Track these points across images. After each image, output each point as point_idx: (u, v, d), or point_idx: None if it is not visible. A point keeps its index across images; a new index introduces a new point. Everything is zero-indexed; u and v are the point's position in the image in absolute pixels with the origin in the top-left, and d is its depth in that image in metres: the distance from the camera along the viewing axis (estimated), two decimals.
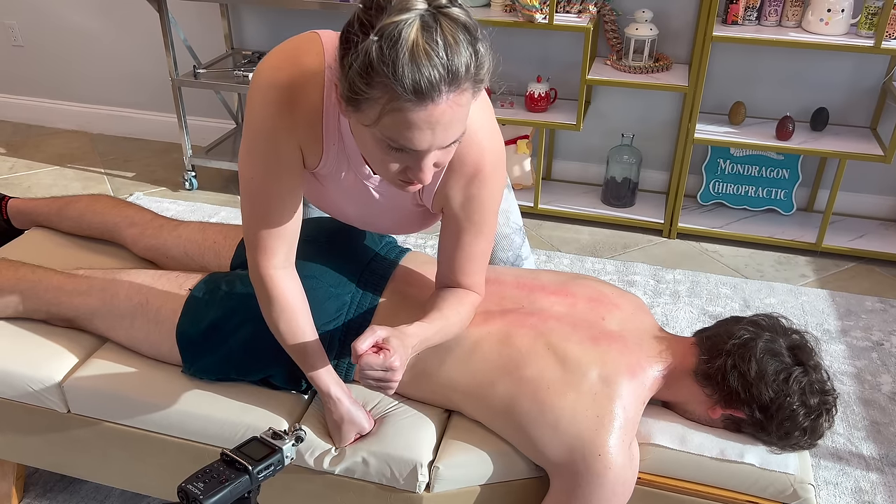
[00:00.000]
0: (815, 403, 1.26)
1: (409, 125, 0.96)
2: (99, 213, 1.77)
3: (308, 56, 1.13)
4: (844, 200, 2.99)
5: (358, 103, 0.97)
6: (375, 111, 0.96)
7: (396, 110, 0.94)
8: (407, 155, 1.01)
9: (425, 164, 1.02)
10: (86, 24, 3.53)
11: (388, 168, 1.04)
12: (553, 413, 1.25)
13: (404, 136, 0.97)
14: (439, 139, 0.99)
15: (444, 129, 0.97)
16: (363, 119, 0.98)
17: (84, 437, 1.49)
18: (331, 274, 1.41)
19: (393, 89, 0.92)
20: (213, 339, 1.39)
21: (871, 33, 2.50)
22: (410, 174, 1.04)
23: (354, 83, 0.95)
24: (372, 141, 1.01)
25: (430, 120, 0.96)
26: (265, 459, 1.04)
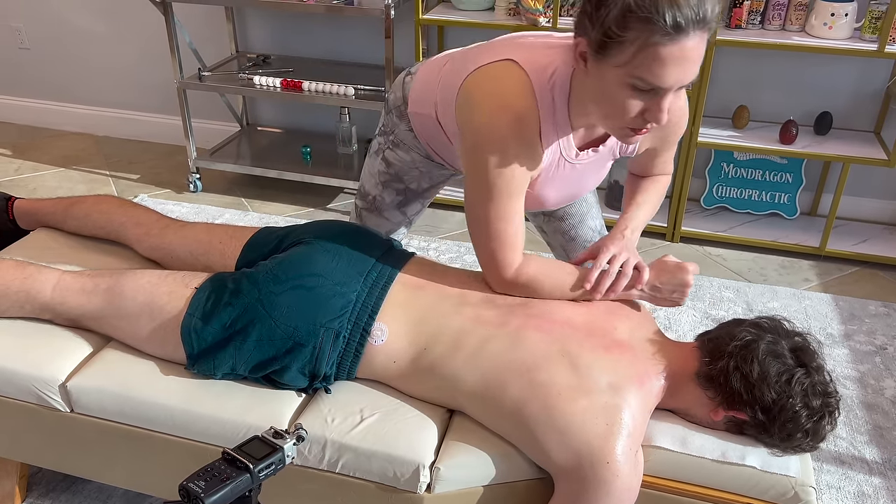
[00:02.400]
0: (818, 405, 1.26)
1: (661, 61, 1.11)
2: (104, 213, 1.78)
3: (518, 96, 1.28)
4: (848, 204, 2.99)
5: (608, 48, 1.13)
6: (630, 51, 1.11)
7: (652, 45, 1.09)
8: (649, 96, 1.16)
9: (665, 103, 1.16)
10: (92, 27, 3.55)
11: (627, 112, 1.18)
12: (563, 419, 1.25)
13: (655, 72, 1.12)
14: (685, 75, 1.13)
15: (690, 65, 1.13)
16: (614, 61, 1.13)
17: (87, 436, 1.50)
18: (337, 272, 1.42)
19: (652, 27, 1.08)
20: (221, 337, 1.40)
21: (874, 37, 2.50)
22: (648, 115, 1.18)
23: (610, 29, 1.11)
24: (615, 86, 1.16)
25: (681, 55, 1.10)
26: (266, 458, 1.05)
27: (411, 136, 1.61)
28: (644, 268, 1.45)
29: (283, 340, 1.36)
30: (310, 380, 1.40)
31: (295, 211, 3.12)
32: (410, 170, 1.66)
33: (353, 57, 3.25)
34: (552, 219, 1.80)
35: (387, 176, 1.68)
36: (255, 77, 2.99)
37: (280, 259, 1.45)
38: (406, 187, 1.69)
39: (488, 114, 1.29)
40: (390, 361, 1.38)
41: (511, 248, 1.39)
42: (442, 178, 1.71)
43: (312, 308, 1.37)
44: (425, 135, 1.58)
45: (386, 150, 1.66)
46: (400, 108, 1.60)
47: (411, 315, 1.40)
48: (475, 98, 1.32)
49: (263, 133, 3.51)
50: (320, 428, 1.35)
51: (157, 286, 1.47)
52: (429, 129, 1.55)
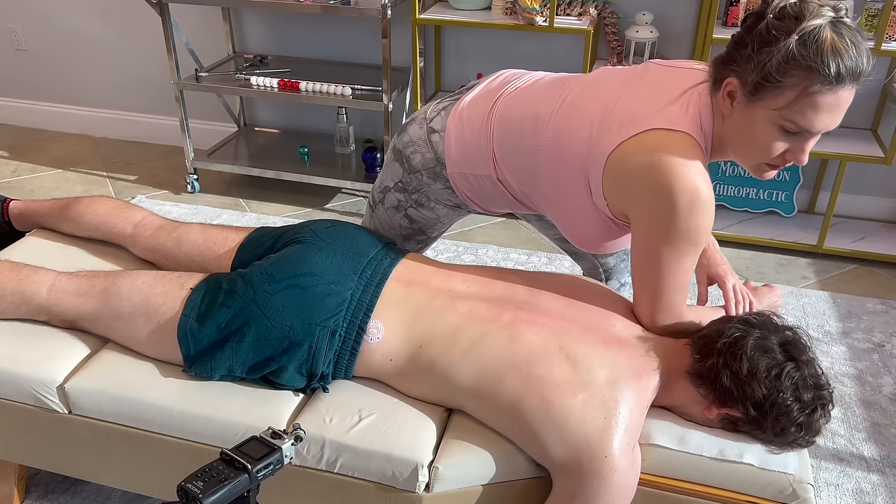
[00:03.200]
0: (810, 398, 1.26)
1: (817, 108, 1.18)
2: (99, 214, 1.78)
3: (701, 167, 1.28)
4: (845, 202, 2.99)
5: (764, 91, 1.20)
6: (788, 96, 1.18)
7: (811, 94, 1.17)
8: (795, 138, 1.22)
9: (809, 146, 1.24)
10: (88, 28, 3.55)
11: (772, 152, 1.25)
12: (561, 412, 1.25)
13: (809, 117, 1.19)
14: (834, 122, 1.20)
15: (840, 113, 1.20)
16: (769, 104, 1.20)
17: (85, 437, 1.50)
18: (331, 270, 1.42)
19: (814, 75, 1.15)
20: (217, 339, 1.40)
21: (871, 35, 2.50)
22: (789, 156, 1.25)
23: (770, 74, 1.18)
24: (765, 127, 1.23)
25: (836, 104, 1.18)
26: (264, 458, 1.05)
27: (447, 192, 1.58)
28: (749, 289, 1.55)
29: (279, 340, 1.36)
30: (307, 379, 1.40)
31: (293, 211, 3.12)
32: (435, 224, 1.67)
33: (350, 57, 3.25)
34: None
35: (409, 230, 1.69)
36: (252, 77, 2.99)
37: (274, 259, 1.45)
38: (428, 237, 1.72)
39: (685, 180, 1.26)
40: (386, 359, 1.38)
41: (684, 299, 1.40)
42: (459, 219, 1.72)
43: (307, 307, 1.37)
44: (470, 193, 1.56)
45: (409, 208, 1.64)
46: (433, 169, 1.56)
47: (406, 312, 1.40)
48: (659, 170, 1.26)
49: (261, 133, 3.51)
50: (318, 428, 1.35)
51: (152, 287, 1.47)
52: (478, 188, 1.54)
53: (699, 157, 1.28)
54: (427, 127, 1.57)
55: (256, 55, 3.31)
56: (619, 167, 1.32)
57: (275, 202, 3.19)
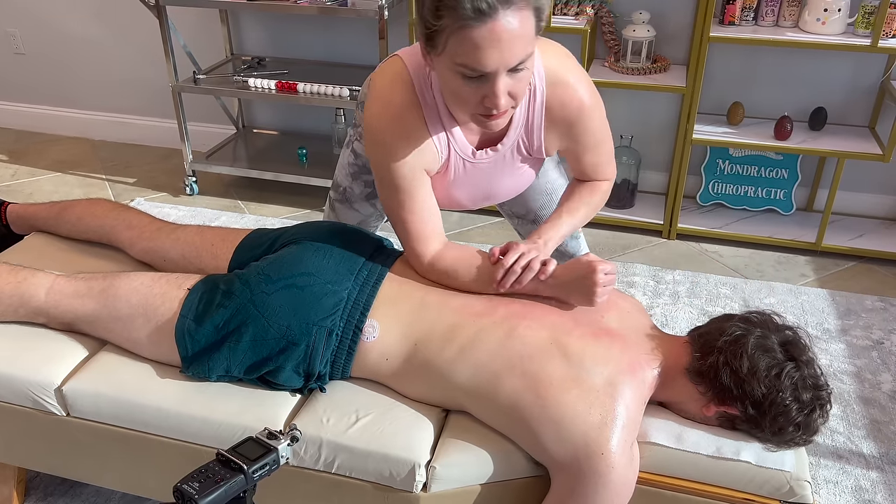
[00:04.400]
0: (808, 398, 1.26)
1: (475, 45, 1.13)
2: (97, 216, 1.78)
3: (395, 86, 1.34)
4: (844, 200, 2.99)
5: (432, 40, 1.17)
6: (445, 39, 1.15)
7: (461, 31, 1.13)
8: (481, 81, 1.18)
9: (499, 87, 1.18)
10: (86, 31, 3.55)
11: (468, 101, 1.22)
12: (557, 409, 1.25)
13: (473, 56, 1.14)
14: (505, 57, 1.14)
15: (508, 46, 1.14)
16: (439, 51, 1.18)
17: (83, 439, 1.50)
18: (328, 270, 1.42)
19: (457, 13, 1.11)
20: (214, 339, 1.40)
21: (867, 32, 2.51)
22: (487, 102, 1.21)
23: (427, 20, 1.16)
24: (449, 76, 1.20)
25: (493, 37, 1.12)
26: (260, 459, 1.05)
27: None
28: (551, 262, 1.41)
29: (276, 340, 1.36)
30: (305, 379, 1.40)
31: (291, 213, 3.12)
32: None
33: (347, 58, 3.25)
34: (525, 221, 1.83)
35: (355, 167, 1.71)
36: (249, 79, 2.99)
37: (271, 259, 1.45)
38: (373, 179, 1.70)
39: (374, 111, 1.37)
40: (383, 358, 1.39)
41: (420, 240, 1.44)
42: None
43: (304, 307, 1.37)
44: None
45: (354, 141, 1.69)
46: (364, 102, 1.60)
47: (402, 311, 1.40)
48: (368, 96, 1.39)
49: (259, 135, 3.51)
50: (316, 428, 1.35)
51: (150, 288, 1.47)
52: None
53: (400, 92, 1.34)
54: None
55: (254, 57, 3.32)
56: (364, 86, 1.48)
57: (274, 204, 3.19)
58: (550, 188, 1.78)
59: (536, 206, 1.80)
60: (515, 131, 1.43)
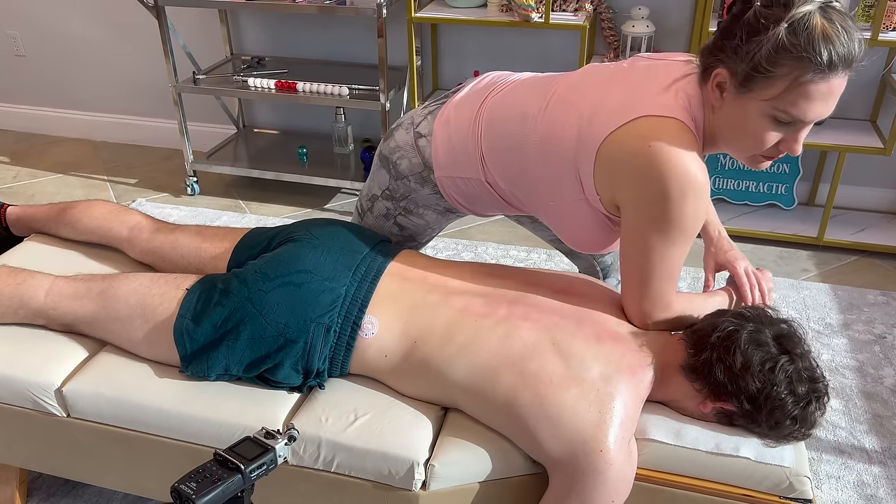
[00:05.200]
0: (804, 391, 1.26)
1: (809, 97, 1.16)
2: (95, 218, 1.79)
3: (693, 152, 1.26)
4: (846, 194, 2.98)
5: (754, 81, 1.18)
6: (779, 86, 1.16)
7: (803, 83, 1.15)
8: (788, 128, 1.21)
9: (802, 135, 1.22)
10: (87, 32, 3.56)
11: (765, 142, 1.23)
12: (555, 407, 1.25)
13: (801, 107, 1.17)
14: (827, 110, 1.19)
15: (833, 101, 1.18)
16: (760, 95, 1.19)
17: (85, 440, 1.50)
18: (325, 267, 1.42)
19: (806, 64, 1.13)
20: (213, 338, 1.40)
21: (867, 25, 2.49)
22: (783, 146, 1.24)
23: (759, 64, 1.16)
24: (756, 118, 1.21)
25: (828, 91, 1.16)
26: (258, 459, 1.05)
27: (435, 198, 1.56)
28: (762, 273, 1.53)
29: (274, 338, 1.36)
30: (304, 377, 1.40)
31: (292, 212, 3.13)
32: (425, 230, 1.67)
33: (347, 57, 3.25)
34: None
35: (400, 237, 1.68)
36: (249, 79, 2.99)
37: (269, 257, 1.45)
38: (418, 243, 1.72)
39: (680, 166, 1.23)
40: (382, 355, 1.39)
41: (673, 286, 1.37)
42: (450, 223, 1.72)
43: (302, 304, 1.37)
44: (459, 196, 1.54)
45: (398, 216, 1.63)
46: (420, 174, 1.54)
47: (401, 307, 1.40)
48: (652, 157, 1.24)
49: (260, 135, 3.51)
50: (315, 427, 1.35)
51: (148, 288, 1.47)
52: (467, 191, 1.52)
53: (692, 142, 1.26)
54: (414, 132, 1.55)
55: (254, 56, 3.32)
56: (610, 157, 1.30)
57: (274, 203, 3.19)
58: None
59: None
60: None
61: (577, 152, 1.35)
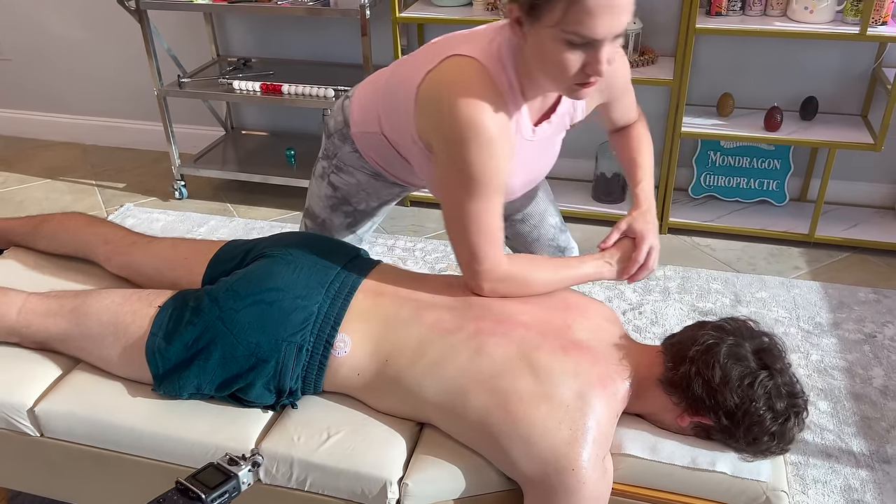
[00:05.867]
0: (783, 407, 1.24)
1: (590, 13, 1.13)
2: (72, 231, 1.77)
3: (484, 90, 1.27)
4: (838, 189, 2.95)
5: (539, 9, 1.16)
6: (560, 8, 1.14)
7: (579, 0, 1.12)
8: (586, 49, 1.18)
9: (603, 54, 1.18)
10: (72, 35, 3.54)
11: (569, 68, 1.20)
12: (525, 426, 1.24)
13: (587, 24, 1.14)
14: (616, 24, 1.15)
15: (619, 13, 1.15)
16: (546, 21, 1.17)
17: (59, 460, 1.49)
18: (297, 285, 1.40)
19: None
20: (184, 357, 1.38)
21: (856, 20, 2.46)
22: (589, 69, 1.20)
23: None
24: (552, 45, 1.19)
25: (608, 4, 1.12)
26: (220, 487, 1.04)
27: (356, 156, 1.60)
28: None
29: (245, 357, 1.35)
30: (276, 396, 1.39)
31: (280, 215, 3.11)
32: (357, 192, 1.66)
33: (334, 57, 3.22)
34: (513, 222, 1.79)
35: (334, 199, 1.67)
36: (234, 82, 2.97)
37: (241, 274, 1.44)
38: (354, 209, 1.69)
39: (464, 110, 1.26)
40: (354, 374, 1.37)
41: (495, 245, 1.37)
42: (391, 196, 1.70)
43: (273, 323, 1.35)
44: (372, 153, 1.57)
45: (331, 174, 1.65)
46: (342, 130, 1.59)
47: (373, 325, 1.38)
48: (442, 99, 1.28)
49: (248, 137, 3.49)
50: (287, 447, 1.34)
51: (121, 305, 1.46)
52: (375, 147, 1.55)
53: (488, 88, 1.27)
54: (344, 95, 1.64)
55: (240, 58, 3.29)
56: (420, 98, 1.33)
57: (263, 206, 3.18)
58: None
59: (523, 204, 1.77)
60: (567, 99, 1.45)
61: (406, 97, 1.38)
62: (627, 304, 2.48)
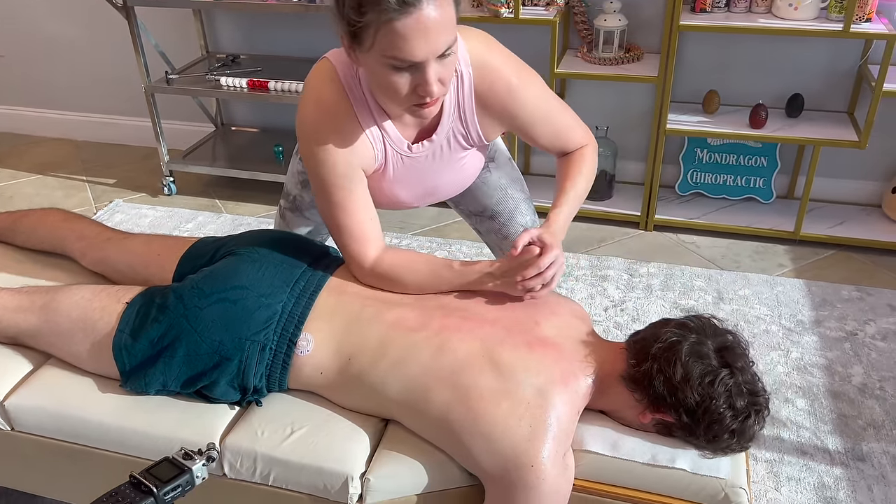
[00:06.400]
0: (743, 405, 1.24)
1: (402, 36, 1.14)
2: (49, 226, 1.78)
3: (324, 85, 1.34)
4: (825, 186, 2.95)
5: (358, 36, 1.18)
6: (372, 34, 1.15)
7: (387, 24, 1.13)
8: (412, 71, 1.19)
9: (430, 75, 1.19)
10: (63, 31, 3.55)
11: (400, 92, 1.22)
12: (486, 423, 1.24)
13: (401, 48, 1.15)
14: (433, 45, 1.15)
15: (434, 34, 1.14)
16: (367, 46, 1.18)
17: (30, 453, 1.51)
18: (262, 284, 1.41)
19: (381, 7, 1.12)
20: (150, 354, 1.39)
21: (841, 17, 2.45)
22: (420, 91, 1.21)
23: (350, 19, 1.16)
24: (379, 70, 1.20)
25: (419, 27, 1.13)
26: (173, 480, 1.05)
27: None
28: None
29: (209, 355, 1.36)
30: (241, 393, 1.40)
31: (268, 211, 3.12)
32: None
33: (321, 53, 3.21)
34: (483, 218, 1.80)
35: (304, 175, 1.70)
36: (221, 78, 2.97)
37: (207, 272, 1.44)
38: None
39: (305, 109, 1.36)
40: (317, 372, 1.38)
41: (358, 241, 1.43)
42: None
43: (237, 321, 1.36)
44: None
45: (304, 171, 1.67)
46: None
47: (336, 323, 1.39)
48: (301, 98, 1.39)
49: (238, 133, 3.50)
50: (251, 441, 1.35)
51: (90, 302, 1.47)
52: None
53: (327, 87, 1.33)
54: None
55: (229, 55, 3.30)
56: None
57: (251, 202, 3.19)
58: (504, 183, 1.76)
59: (492, 202, 1.78)
60: (449, 119, 1.43)
61: None
62: (609, 300, 2.48)
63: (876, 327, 2.34)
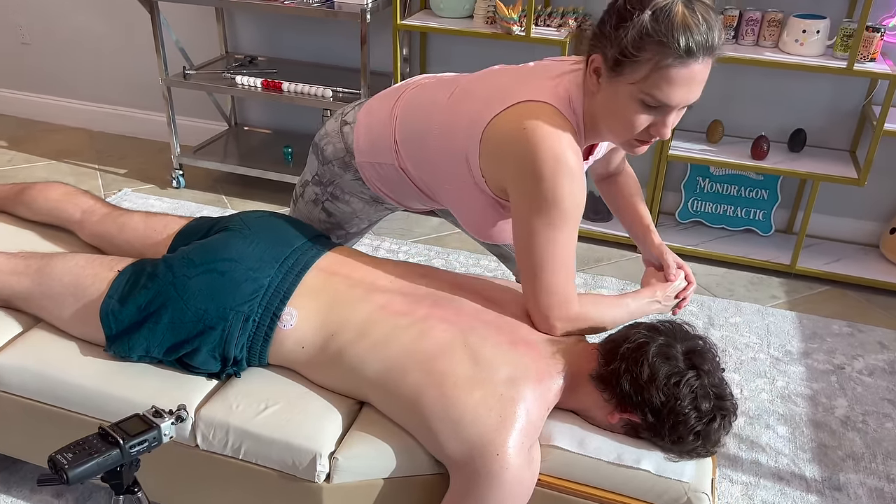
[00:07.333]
0: (708, 408, 1.25)
1: (671, 81, 1.20)
2: (51, 199, 1.83)
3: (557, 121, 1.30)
4: (825, 224, 2.96)
5: (623, 66, 1.22)
6: (643, 70, 1.20)
7: (664, 68, 1.19)
8: (656, 112, 1.25)
9: (670, 120, 1.27)
10: (90, 24, 3.64)
11: (635, 126, 1.27)
12: (457, 409, 1.26)
13: (665, 91, 1.21)
14: (691, 95, 1.23)
15: (696, 87, 1.23)
16: (627, 78, 1.23)
17: (13, 414, 1.53)
18: (251, 257, 1.44)
19: (665, 50, 1.18)
20: (136, 319, 1.43)
21: (846, 55, 2.49)
22: (653, 130, 1.28)
23: (626, 48, 1.21)
24: (626, 102, 1.25)
25: (689, 77, 1.20)
26: (140, 435, 1.07)
27: (358, 184, 1.60)
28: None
29: (193, 323, 1.39)
30: (222, 363, 1.42)
31: (272, 209, 3.15)
32: (352, 218, 1.69)
33: (337, 60, 3.29)
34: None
35: (328, 225, 1.70)
36: (237, 77, 3.04)
37: (198, 244, 1.48)
38: (347, 232, 1.73)
39: (549, 147, 1.28)
40: (299, 347, 1.40)
41: (571, 282, 1.38)
42: (381, 217, 1.74)
43: (223, 292, 1.39)
44: (379, 182, 1.57)
45: (325, 201, 1.66)
46: (343, 158, 1.58)
47: (322, 301, 1.42)
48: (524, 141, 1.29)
49: (250, 133, 3.56)
50: (225, 414, 1.37)
51: (83, 268, 1.50)
52: (385, 177, 1.55)
53: (565, 127, 1.30)
54: (342, 120, 1.62)
55: (247, 55, 3.37)
56: (492, 139, 1.35)
57: (257, 200, 3.23)
58: None
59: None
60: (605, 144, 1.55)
61: (467, 137, 1.39)
62: None
63: (864, 363, 2.34)
